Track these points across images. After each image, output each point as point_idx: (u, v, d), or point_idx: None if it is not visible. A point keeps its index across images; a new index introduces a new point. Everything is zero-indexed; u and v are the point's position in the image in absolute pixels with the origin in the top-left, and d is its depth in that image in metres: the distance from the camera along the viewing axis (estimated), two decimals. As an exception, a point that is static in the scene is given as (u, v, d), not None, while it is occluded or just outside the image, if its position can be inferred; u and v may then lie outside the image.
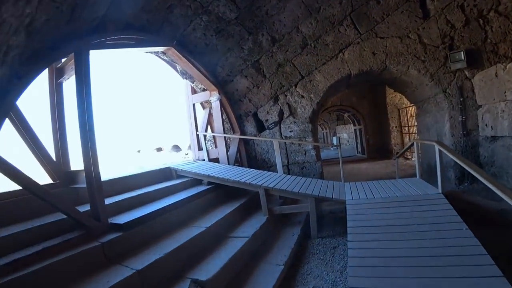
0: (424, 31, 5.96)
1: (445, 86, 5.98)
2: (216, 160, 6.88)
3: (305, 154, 6.99)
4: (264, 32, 6.17)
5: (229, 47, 6.06)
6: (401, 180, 5.02)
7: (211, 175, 5.33)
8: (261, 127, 7.39)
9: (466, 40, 5.83)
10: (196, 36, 5.54)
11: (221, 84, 6.77)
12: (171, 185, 5.16)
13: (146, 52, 5.33)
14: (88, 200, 3.32)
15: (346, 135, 21.83)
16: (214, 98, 6.67)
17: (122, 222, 3.26)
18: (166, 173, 5.71)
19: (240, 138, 7.31)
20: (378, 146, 13.33)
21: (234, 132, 7.45)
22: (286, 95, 6.87)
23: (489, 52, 5.64)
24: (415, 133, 10.94)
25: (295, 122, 6.99)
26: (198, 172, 5.57)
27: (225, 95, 6.91)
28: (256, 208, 4.98)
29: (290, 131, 7.05)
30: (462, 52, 5.74)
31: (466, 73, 5.88)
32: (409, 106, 11.38)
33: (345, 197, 4.22)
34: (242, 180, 4.95)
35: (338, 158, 6.04)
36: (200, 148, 7.05)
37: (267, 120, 7.25)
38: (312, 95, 6.68)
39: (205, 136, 7.09)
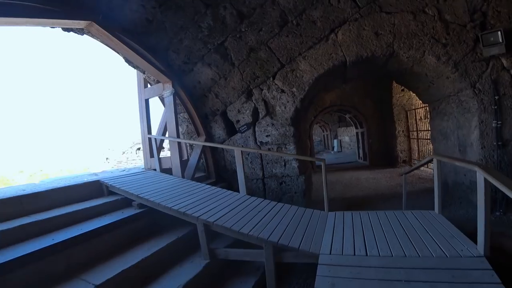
0: (446, 4, 4.34)
1: (474, 79, 4.35)
2: (170, 171, 5.36)
3: (284, 165, 5.42)
4: (227, 4, 4.61)
5: (181, 25, 4.51)
6: (411, 214, 3.41)
7: (141, 195, 3.81)
8: (231, 129, 5.84)
9: (504, 17, 4.21)
10: (132, 9, 4.01)
11: (177, 75, 5.23)
12: (90, 207, 3.68)
13: (54, 27, 3.78)
14: None
15: (348, 138, 20.12)
16: (167, 92, 5.14)
17: None
18: (95, 188, 4.18)
19: (206, 141, 5.79)
20: (382, 152, 11.67)
21: (198, 136, 5.92)
22: (261, 89, 5.30)
23: (540, 32, 4.01)
24: (425, 139, 9.28)
25: (272, 124, 5.42)
26: (127, 189, 4.05)
27: (183, 88, 5.37)
28: (198, 245, 3.44)
29: (266, 136, 5.48)
30: (499, 33, 4.12)
31: (504, 61, 4.26)
32: (419, 108, 9.71)
33: (320, 247, 2.64)
34: (175, 207, 3.43)
35: (338, 163, 4.47)
36: (152, 155, 5.53)
37: (238, 121, 5.70)
38: (294, 89, 5.10)
39: (158, 140, 5.55)
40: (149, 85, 5.46)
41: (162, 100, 5.83)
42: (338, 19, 4.67)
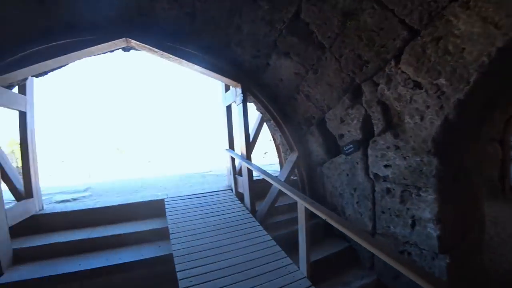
0: None
1: None
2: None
3: (412, 225, 2.87)
4: None
5: (230, 7, 3.06)
6: None
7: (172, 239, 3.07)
8: (333, 146, 3.86)
9: None
10: (164, 8, 3.05)
11: (250, 74, 3.88)
12: (142, 231, 3.49)
13: (98, 54, 3.53)
14: None
15: None
16: (238, 98, 3.98)
17: None
18: (159, 207, 4.00)
19: (299, 160, 4.23)
20: None
21: (291, 151, 4.40)
22: (376, 84, 2.93)
23: None
24: None
25: (397, 148, 2.93)
26: (170, 219, 3.48)
27: (263, 90, 3.99)
28: None
29: (385, 166, 3.09)
30: None
31: None
32: None
33: None
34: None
35: None
36: (236, 171, 4.67)
37: (342, 136, 3.62)
38: (442, 81, 2.37)
39: (235, 155, 4.55)
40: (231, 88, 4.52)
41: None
42: None
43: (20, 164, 3.51)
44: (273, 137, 5.13)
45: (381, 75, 2.84)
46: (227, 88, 4.54)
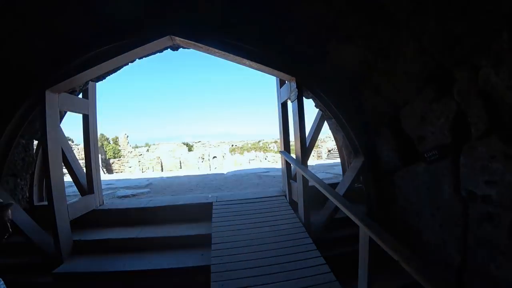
0: None
1: None
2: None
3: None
4: None
5: None
6: None
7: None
8: (409, 150, 3.07)
9: None
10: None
11: (304, 65, 3.38)
12: (187, 236, 3.47)
13: (141, 58, 3.59)
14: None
15: None
16: (292, 94, 3.55)
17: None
18: (207, 210, 3.93)
19: (365, 166, 3.58)
20: None
21: (355, 156, 3.76)
22: (476, 67, 2.12)
23: None
24: None
25: (509, 158, 2.05)
26: (218, 224, 3.34)
27: (321, 83, 3.47)
28: None
29: (486, 182, 2.22)
30: None
31: None
32: None
33: None
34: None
35: None
36: (290, 176, 4.25)
37: (422, 139, 2.83)
38: None
39: (291, 159, 4.09)
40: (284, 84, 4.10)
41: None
42: None
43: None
44: (335, 137, 4.52)
45: (484, 55, 2.01)
46: (281, 83, 4.16)
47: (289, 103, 3.99)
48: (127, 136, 30.29)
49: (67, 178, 4.01)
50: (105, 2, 2.70)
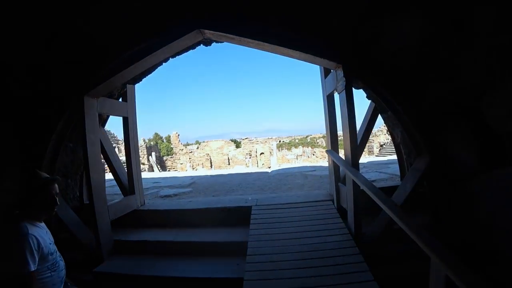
0: None
1: None
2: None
3: None
4: None
5: None
6: None
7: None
8: (494, 150, 2.36)
9: None
10: None
11: (352, 49, 2.83)
12: (223, 242, 3.26)
13: (169, 59, 3.43)
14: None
15: None
16: (339, 84, 3.04)
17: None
18: (246, 215, 3.65)
19: (431, 168, 2.94)
20: None
21: (417, 155, 3.12)
22: None
23: None
24: None
25: None
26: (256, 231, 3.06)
27: (372, 69, 2.89)
28: None
29: None
30: None
31: None
32: None
33: None
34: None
35: None
36: (339, 178, 3.74)
37: (513, 133, 2.13)
38: None
39: (339, 159, 3.57)
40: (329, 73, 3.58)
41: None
42: None
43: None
44: (391, 133, 3.86)
45: None
46: (326, 73, 3.66)
47: (336, 95, 3.49)
48: (178, 135, 32.26)
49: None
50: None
